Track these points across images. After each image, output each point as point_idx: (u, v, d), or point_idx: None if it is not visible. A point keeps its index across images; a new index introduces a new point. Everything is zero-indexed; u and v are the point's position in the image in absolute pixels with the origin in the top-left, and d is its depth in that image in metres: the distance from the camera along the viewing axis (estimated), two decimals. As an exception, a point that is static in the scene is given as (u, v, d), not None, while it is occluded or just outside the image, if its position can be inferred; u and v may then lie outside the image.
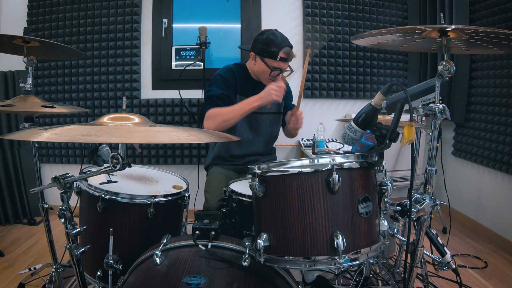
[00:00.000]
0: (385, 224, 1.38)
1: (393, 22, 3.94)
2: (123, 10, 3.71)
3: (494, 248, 3.06)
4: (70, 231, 1.35)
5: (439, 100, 1.45)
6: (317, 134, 3.34)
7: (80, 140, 1.02)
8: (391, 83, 1.35)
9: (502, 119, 3.03)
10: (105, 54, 3.74)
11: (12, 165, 3.59)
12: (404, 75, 4.05)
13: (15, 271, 2.63)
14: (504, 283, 2.52)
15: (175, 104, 3.77)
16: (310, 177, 1.21)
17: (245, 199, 1.82)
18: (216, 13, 3.82)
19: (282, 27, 3.69)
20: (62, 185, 1.30)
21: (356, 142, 1.44)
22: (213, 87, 2.38)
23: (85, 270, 1.77)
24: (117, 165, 1.23)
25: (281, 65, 2.30)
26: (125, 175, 2.10)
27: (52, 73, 3.81)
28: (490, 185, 3.26)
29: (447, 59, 1.42)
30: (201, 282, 1.23)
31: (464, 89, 3.43)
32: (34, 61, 1.95)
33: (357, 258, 1.22)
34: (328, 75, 3.87)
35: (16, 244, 3.13)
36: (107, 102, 3.80)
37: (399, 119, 1.28)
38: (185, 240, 1.47)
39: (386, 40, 1.70)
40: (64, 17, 3.75)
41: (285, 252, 1.24)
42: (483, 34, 1.36)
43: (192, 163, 3.87)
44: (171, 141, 1.16)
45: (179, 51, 3.78)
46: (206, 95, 2.41)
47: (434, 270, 2.59)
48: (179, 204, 1.94)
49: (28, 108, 1.84)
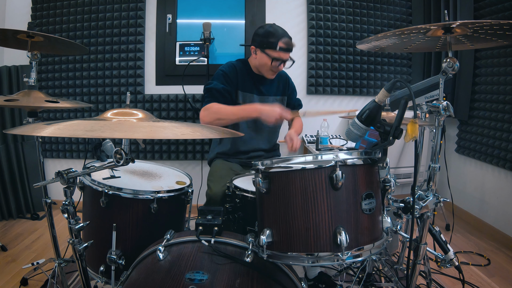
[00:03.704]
0: (388, 221, 1.38)
1: (397, 19, 3.92)
2: (127, 5, 3.70)
3: (497, 245, 3.05)
4: (73, 226, 1.35)
5: (443, 97, 1.44)
6: (321, 130, 3.34)
7: (84, 135, 1.02)
8: (395, 80, 1.35)
9: (506, 117, 3.01)
10: (109, 49, 3.74)
11: (15, 160, 3.60)
12: (408, 72, 4.04)
13: (18, 265, 2.64)
14: (507, 280, 2.52)
15: (179, 99, 3.77)
16: (313, 173, 1.21)
17: (249, 195, 1.82)
18: (220, 8, 3.81)
19: (286, 23, 3.70)
20: (66, 180, 1.30)
21: (359, 139, 1.44)
22: (214, 81, 2.40)
23: (88, 265, 1.79)
24: (121, 160, 1.23)
25: (281, 55, 2.34)
26: (128, 171, 2.10)
27: (56, 68, 3.81)
28: (494, 182, 3.25)
29: (451, 56, 1.41)
30: (204, 277, 1.23)
31: (468, 86, 3.41)
32: (38, 56, 1.95)
33: (360, 254, 1.22)
34: (332, 71, 3.85)
35: (19, 238, 3.15)
36: (111, 97, 3.80)
37: (403, 116, 1.27)
38: (188, 235, 1.47)
39: (390, 42, 1.70)
40: (68, 12, 3.75)
41: (288, 248, 1.24)
42: (487, 27, 1.36)
43: (195, 159, 3.87)
44: (174, 136, 1.16)
45: (183, 47, 3.77)
46: (206, 87, 2.41)
47: (437, 267, 2.59)
48: (182, 199, 1.94)
49: (32, 103, 1.84)
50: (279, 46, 2.30)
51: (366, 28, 3.86)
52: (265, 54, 2.35)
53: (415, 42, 1.70)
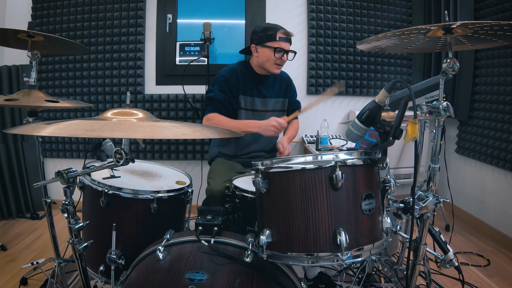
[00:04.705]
0: (388, 221, 1.38)
1: (398, 19, 3.92)
2: (127, 5, 3.70)
3: (497, 246, 3.05)
4: (73, 225, 1.35)
5: (443, 97, 1.44)
6: (321, 130, 3.34)
7: (84, 135, 1.02)
8: (395, 80, 1.35)
9: (506, 117, 3.01)
10: (109, 49, 3.74)
11: (15, 159, 3.60)
12: (408, 72, 4.04)
13: (17, 265, 2.64)
14: (507, 281, 2.52)
15: (179, 99, 3.77)
16: (313, 173, 1.21)
17: (248, 195, 1.82)
18: (220, 8, 3.80)
19: (286, 23, 3.68)
20: (66, 179, 1.30)
21: (359, 139, 1.44)
22: (216, 88, 2.44)
23: (88, 265, 1.79)
24: (121, 160, 1.23)
25: (282, 45, 2.41)
26: (128, 170, 2.10)
27: (56, 68, 3.81)
28: (494, 183, 3.24)
29: (451, 57, 1.41)
30: (203, 277, 1.23)
31: (468, 87, 3.41)
32: (38, 56, 1.95)
33: (360, 255, 1.22)
34: (332, 71, 3.85)
35: (19, 238, 3.15)
36: (111, 97, 3.80)
37: (403, 116, 1.27)
38: (188, 235, 1.47)
39: (390, 43, 1.70)
40: (68, 12, 3.75)
41: (287, 248, 1.24)
42: (487, 28, 1.36)
43: (195, 159, 3.87)
44: (174, 136, 1.16)
45: (183, 47, 3.77)
46: (208, 95, 2.48)
47: (436, 267, 2.59)
48: (182, 199, 1.94)
49: (32, 102, 1.84)
50: (278, 36, 2.39)
51: (366, 28, 3.86)
52: (267, 47, 2.40)
53: (415, 42, 1.70)
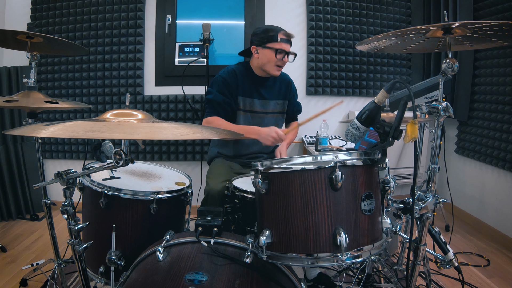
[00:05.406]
0: (388, 222, 1.38)
1: (397, 19, 3.92)
2: (126, 6, 3.70)
3: (496, 246, 3.05)
4: (72, 227, 1.35)
5: (442, 98, 1.44)
6: (320, 131, 3.34)
7: (83, 136, 1.02)
8: (394, 81, 1.35)
9: (506, 117, 3.01)
10: (109, 50, 3.74)
11: (15, 160, 3.60)
12: (407, 72, 4.04)
13: (17, 266, 2.64)
14: (507, 281, 2.52)
15: (178, 100, 3.76)
16: (313, 174, 1.21)
17: (248, 196, 1.82)
18: (219, 9, 3.81)
19: (286, 23, 3.70)
20: (65, 180, 1.30)
21: (359, 139, 1.44)
22: (214, 89, 2.43)
23: (88, 266, 1.78)
24: (120, 161, 1.23)
25: (283, 46, 2.40)
26: (128, 171, 2.10)
27: (55, 69, 3.81)
28: (493, 183, 3.24)
29: (451, 57, 1.41)
30: (203, 278, 1.23)
31: (467, 87, 3.41)
32: (37, 57, 1.95)
33: (360, 255, 1.22)
34: (332, 72, 3.85)
35: (19, 239, 3.14)
36: (110, 98, 3.79)
37: (403, 117, 1.27)
38: (188, 236, 1.47)
39: (390, 43, 1.70)
40: (67, 13, 3.75)
41: (287, 249, 1.24)
42: (487, 28, 1.36)
43: (195, 160, 3.87)
44: (174, 137, 1.16)
45: (182, 48, 3.77)
46: (207, 97, 2.48)
47: (436, 267, 2.59)
48: (182, 200, 1.94)
49: (32, 103, 1.84)
50: (279, 37, 2.38)
51: (366, 29, 3.86)
52: (268, 48, 2.40)
53: (415, 42, 1.70)
